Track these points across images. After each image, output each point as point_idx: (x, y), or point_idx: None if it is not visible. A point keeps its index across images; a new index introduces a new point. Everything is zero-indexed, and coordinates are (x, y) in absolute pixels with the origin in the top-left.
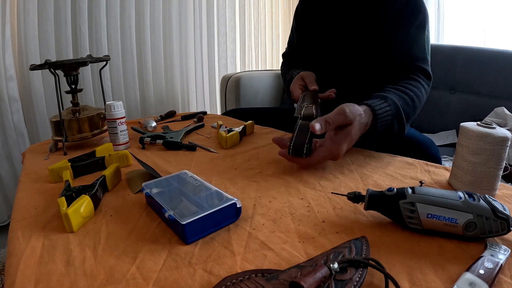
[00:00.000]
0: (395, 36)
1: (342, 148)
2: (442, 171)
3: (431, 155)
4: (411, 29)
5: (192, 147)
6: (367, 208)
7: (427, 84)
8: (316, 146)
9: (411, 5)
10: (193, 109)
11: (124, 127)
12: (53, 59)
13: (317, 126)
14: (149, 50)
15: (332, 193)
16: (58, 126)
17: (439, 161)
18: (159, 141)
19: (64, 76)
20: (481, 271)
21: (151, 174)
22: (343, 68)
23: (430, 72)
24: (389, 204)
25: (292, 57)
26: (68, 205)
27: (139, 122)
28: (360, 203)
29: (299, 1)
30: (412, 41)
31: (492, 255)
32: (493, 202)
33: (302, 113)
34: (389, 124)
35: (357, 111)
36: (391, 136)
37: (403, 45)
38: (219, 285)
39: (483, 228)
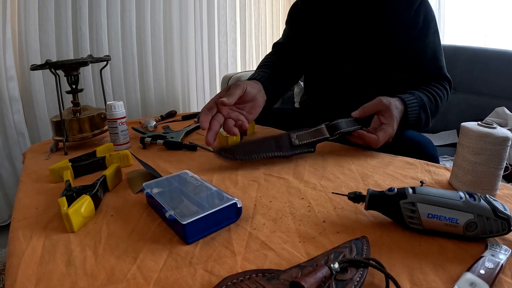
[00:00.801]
0: (414, 47)
1: (394, 127)
2: (442, 171)
3: (428, 155)
4: (427, 38)
5: (192, 147)
6: (367, 208)
7: (449, 88)
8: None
9: (423, 14)
10: (194, 109)
11: (124, 127)
12: (54, 59)
13: (355, 112)
14: (149, 50)
15: (332, 193)
16: (58, 126)
17: (436, 160)
18: (160, 141)
19: (64, 76)
20: (482, 271)
21: (151, 174)
22: (342, 66)
23: (450, 78)
24: (390, 204)
25: (286, 50)
26: (69, 205)
27: (140, 122)
28: (361, 203)
29: (292, 5)
30: (432, 50)
31: (492, 255)
32: (494, 202)
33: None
34: (417, 115)
35: (391, 99)
36: (419, 128)
37: (425, 56)
38: (220, 285)
39: (484, 228)
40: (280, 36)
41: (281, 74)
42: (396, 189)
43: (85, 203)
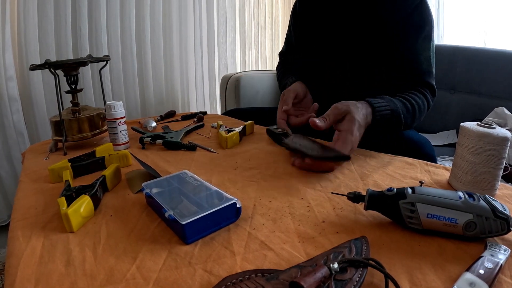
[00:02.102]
0: (401, 46)
1: (355, 132)
2: (442, 171)
3: (426, 154)
4: (417, 41)
5: (192, 147)
6: (367, 208)
7: (431, 99)
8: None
9: (417, 16)
10: (193, 109)
11: (124, 127)
12: (53, 59)
13: (317, 120)
14: (149, 50)
15: (332, 193)
16: (58, 126)
17: (434, 160)
18: (159, 141)
19: (64, 76)
20: (481, 271)
21: (151, 174)
22: (340, 65)
23: (435, 87)
24: (389, 204)
25: (289, 55)
26: (68, 205)
27: (139, 122)
28: (360, 203)
29: (294, 5)
30: (418, 54)
31: (492, 255)
32: (493, 202)
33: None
34: (388, 118)
35: (350, 102)
36: (395, 131)
37: (409, 58)
38: (219, 285)
39: (483, 228)
40: (280, 36)
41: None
42: (395, 189)
43: (84, 203)
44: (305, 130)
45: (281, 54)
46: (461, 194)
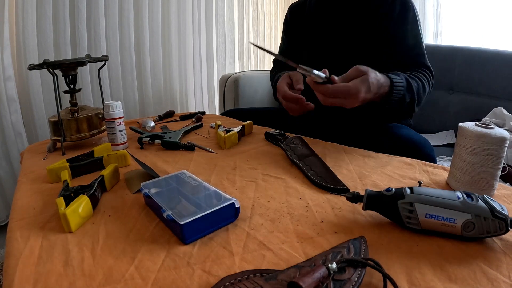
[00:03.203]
0: (390, 38)
1: (360, 88)
2: (440, 171)
3: (426, 154)
4: (406, 29)
5: (190, 147)
6: (365, 208)
7: (431, 77)
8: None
9: (399, 5)
10: (192, 109)
11: (122, 127)
12: (52, 59)
13: (335, 77)
14: (147, 50)
15: (331, 193)
16: (56, 126)
17: (433, 161)
18: (158, 141)
19: (62, 76)
20: None
21: (149, 174)
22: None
23: (431, 67)
24: (388, 204)
25: (282, 65)
26: (67, 205)
27: (138, 122)
28: (359, 203)
29: (288, 9)
30: (409, 41)
31: None
32: (492, 202)
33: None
34: (402, 96)
35: (371, 69)
36: (402, 110)
37: (401, 46)
38: (218, 285)
39: (482, 228)
40: (278, 36)
41: None
42: (394, 189)
43: (82, 203)
44: (305, 129)
45: (275, 61)
46: (459, 194)
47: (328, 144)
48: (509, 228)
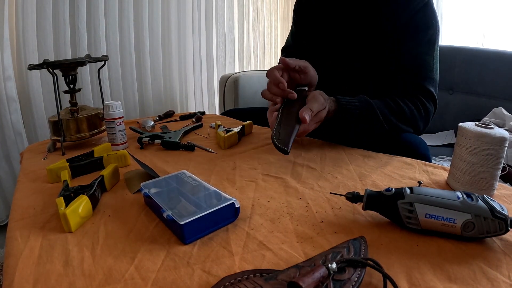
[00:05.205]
0: (401, 49)
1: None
2: (440, 171)
3: (420, 154)
4: (420, 45)
5: (190, 147)
6: (365, 208)
7: (428, 104)
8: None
9: (420, 19)
10: (192, 109)
11: (122, 127)
12: (52, 59)
13: (307, 116)
14: (147, 50)
15: (330, 193)
16: (56, 126)
17: (429, 160)
18: (158, 141)
19: (62, 76)
20: None
21: (149, 174)
22: (338, 69)
23: (435, 95)
24: (388, 204)
25: (291, 49)
26: (67, 205)
27: (138, 122)
28: (359, 203)
29: (296, 1)
30: (419, 59)
31: None
32: (491, 202)
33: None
34: (356, 117)
35: (327, 98)
36: (375, 126)
37: (409, 62)
38: (218, 285)
39: (481, 228)
40: (278, 36)
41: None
42: (393, 189)
43: (82, 203)
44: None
45: (283, 50)
46: (459, 194)
47: (328, 144)
48: (509, 228)
